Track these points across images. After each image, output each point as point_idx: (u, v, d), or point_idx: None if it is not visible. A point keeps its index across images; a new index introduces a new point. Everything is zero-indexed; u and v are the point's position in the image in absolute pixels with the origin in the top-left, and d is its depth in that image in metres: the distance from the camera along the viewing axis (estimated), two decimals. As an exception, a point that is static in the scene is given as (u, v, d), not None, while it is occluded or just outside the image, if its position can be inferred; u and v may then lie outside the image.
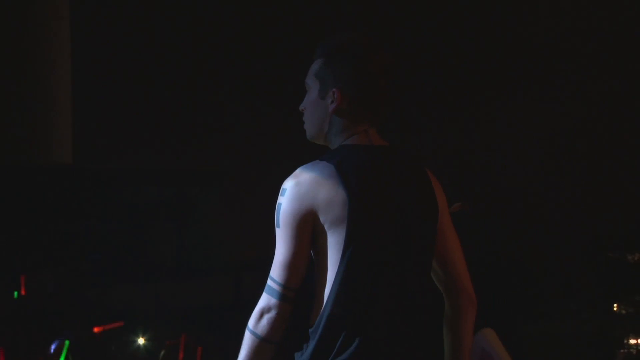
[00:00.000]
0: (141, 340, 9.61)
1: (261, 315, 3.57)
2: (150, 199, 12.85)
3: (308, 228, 3.56)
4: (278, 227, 3.56)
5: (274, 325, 3.55)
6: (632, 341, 12.95)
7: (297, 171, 3.60)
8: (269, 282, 3.53)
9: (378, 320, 3.52)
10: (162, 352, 9.48)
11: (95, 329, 9.27)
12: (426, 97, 13.77)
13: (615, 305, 13.23)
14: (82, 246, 11.99)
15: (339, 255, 3.49)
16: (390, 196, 3.58)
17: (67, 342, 8.50)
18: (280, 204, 3.58)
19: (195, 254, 12.42)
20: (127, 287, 11.62)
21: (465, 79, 14.40)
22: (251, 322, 3.56)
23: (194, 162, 13.83)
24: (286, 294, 3.52)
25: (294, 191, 3.56)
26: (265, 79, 13.74)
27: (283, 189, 3.58)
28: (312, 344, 3.50)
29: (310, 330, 3.52)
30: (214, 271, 12.14)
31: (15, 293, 10.59)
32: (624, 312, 13.07)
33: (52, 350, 8.42)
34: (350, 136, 3.65)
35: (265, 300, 3.56)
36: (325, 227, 3.52)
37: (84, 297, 11.02)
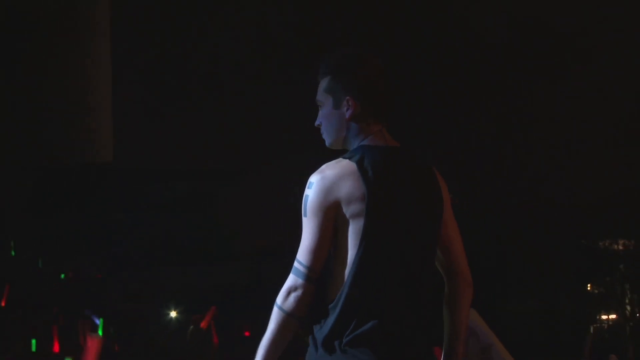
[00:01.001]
0: (173, 314, 9.65)
1: (288, 294, 3.58)
2: (180, 193, 12.85)
3: (331, 218, 3.59)
4: (305, 216, 3.59)
5: (300, 302, 3.56)
6: (604, 317, 13.04)
7: (323, 167, 3.66)
8: (296, 264, 3.57)
9: (391, 301, 3.60)
10: (191, 328, 9.49)
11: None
12: (428, 99, 13.47)
13: (588, 285, 13.29)
14: (122, 234, 12.03)
15: (357, 243, 3.56)
16: (402, 192, 3.68)
17: (101, 320, 8.55)
18: (307, 196, 3.61)
19: (219, 241, 12.45)
20: (159, 269, 11.64)
21: (462, 81, 14.10)
22: (279, 300, 3.59)
23: (219, 160, 13.73)
24: (311, 275, 3.55)
25: (319, 185, 3.61)
26: (280, 88, 13.59)
27: (310, 182, 3.63)
28: (331, 319, 3.54)
29: (330, 306, 3.58)
30: (234, 256, 12.17)
31: (63, 275, 10.70)
32: (595, 291, 13.11)
33: (95, 322, 8.48)
34: (367, 136, 3.73)
35: (292, 280, 3.59)
36: (347, 217, 3.58)
37: (122, 278, 11.07)
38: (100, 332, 8.45)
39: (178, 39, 14.60)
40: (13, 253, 11.24)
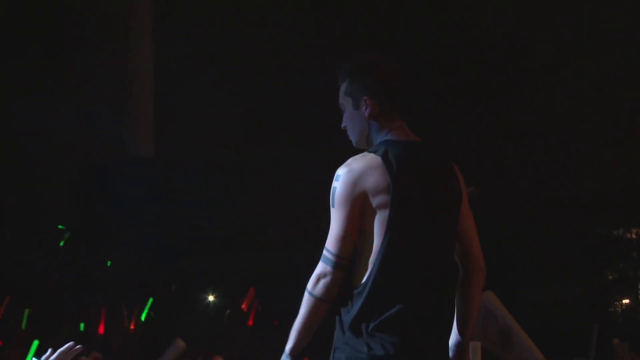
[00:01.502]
0: (211, 298, 9.69)
1: (318, 280, 3.63)
2: (217, 186, 12.89)
3: (358, 208, 3.63)
4: (333, 207, 3.65)
5: (329, 288, 3.61)
6: (617, 302, 12.99)
7: (350, 161, 3.72)
8: (325, 252, 3.62)
9: (415, 286, 3.64)
10: (228, 311, 9.52)
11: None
12: (428, 99, 13.29)
13: (602, 272, 13.24)
14: (162, 225, 12.07)
15: (383, 232, 3.60)
16: (425, 184, 3.73)
17: (150, 300, 8.59)
18: (335, 188, 3.67)
19: (254, 230, 12.48)
20: (197, 257, 11.69)
21: (462, 81, 13.95)
22: (309, 286, 3.64)
23: (255, 154, 13.73)
24: (339, 263, 3.59)
25: (347, 177, 3.66)
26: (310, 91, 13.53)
27: (337, 175, 3.68)
28: (358, 304, 3.58)
29: (356, 291, 3.61)
30: (269, 244, 12.20)
31: (109, 262, 10.78)
32: (610, 277, 13.06)
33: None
34: (389, 132, 3.79)
35: (321, 267, 3.64)
36: (372, 207, 3.62)
37: (162, 266, 11.12)
38: (143, 317, 8.51)
39: (218, 35, 14.61)
40: (62, 243, 11.34)
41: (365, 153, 3.75)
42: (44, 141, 12.72)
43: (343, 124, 3.89)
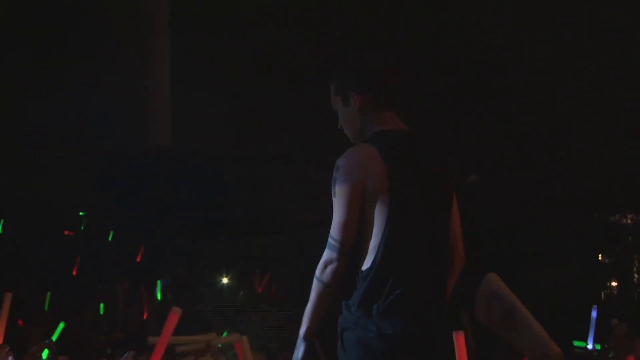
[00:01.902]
0: (225, 280, 9.72)
1: (325, 267, 3.70)
2: (232, 173, 12.94)
3: (359, 196, 3.71)
4: (335, 196, 3.72)
5: (335, 273, 3.69)
6: (614, 284, 12.97)
7: (348, 152, 3.78)
8: (330, 240, 3.69)
9: (416, 270, 3.69)
10: (241, 293, 9.56)
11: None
12: (428, 99, 13.24)
13: (599, 255, 13.23)
14: (178, 210, 12.14)
15: (385, 217, 3.65)
16: (420, 170, 3.78)
17: (158, 282, 8.61)
18: (335, 178, 3.74)
19: (267, 216, 12.52)
20: (211, 241, 11.74)
21: (462, 81, 13.90)
22: (317, 272, 3.72)
23: (267, 144, 13.79)
24: (343, 249, 3.68)
25: (346, 167, 3.73)
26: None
27: (337, 166, 3.75)
28: (363, 286, 3.64)
29: (362, 275, 3.66)
30: (281, 229, 12.25)
31: (127, 246, 10.83)
32: (606, 261, 13.06)
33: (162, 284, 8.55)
34: (381, 123, 3.84)
35: (327, 254, 3.71)
36: (372, 194, 3.69)
37: (178, 248, 11.18)
38: (159, 297, 8.55)
39: (234, 24, 14.59)
40: (82, 228, 11.40)
41: (362, 144, 3.82)
42: (68, 130, 12.78)
43: (339, 124, 3.96)
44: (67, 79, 13.20)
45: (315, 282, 3.71)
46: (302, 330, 3.68)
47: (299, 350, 3.66)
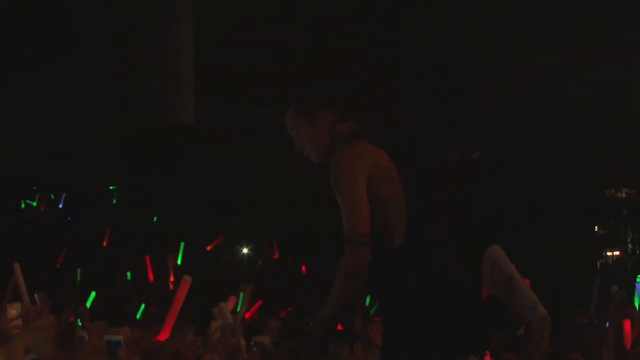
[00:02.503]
0: (245, 250, 9.73)
1: (347, 262, 3.59)
2: (251, 152, 12.87)
3: (363, 188, 3.64)
4: (340, 193, 3.63)
5: (363, 267, 3.57)
6: (609, 253, 12.97)
7: (340, 152, 3.68)
8: (347, 237, 3.57)
9: (440, 252, 3.63)
10: (259, 262, 9.57)
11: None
12: (428, 99, 12.98)
13: (595, 226, 13.21)
14: (197, 187, 12.10)
15: (400, 199, 3.57)
16: (415, 156, 3.72)
17: (182, 244, 8.58)
18: (337, 176, 3.66)
19: (282, 193, 12.49)
20: (231, 216, 11.74)
21: (462, 81, 13.61)
22: (341, 267, 3.59)
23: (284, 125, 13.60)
24: (362, 241, 3.57)
25: (344, 164, 3.65)
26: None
27: (334, 165, 3.67)
28: (389, 274, 3.56)
29: (384, 262, 3.57)
30: (295, 205, 12.21)
31: (155, 218, 10.88)
32: (602, 232, 13.04)
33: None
34: (352, 127, 3.75)
35: (350, 253, 3.55)
36: (377, 182, 3.63)
37: (199, 222, 11.17)
38: (179, 261, 8.57)
39: (258, 8, 14.41)
40: (114, 201, 11.45)
41: (352, 141, 3.70)
42: (97, 109, 12.80)
43: (299, 149, 3.80)
44: (96, 62, 13.22)
45: (343, 279, 3.57)
46: (323, 314, 3.55)
47: (317, 330, 3.52)
